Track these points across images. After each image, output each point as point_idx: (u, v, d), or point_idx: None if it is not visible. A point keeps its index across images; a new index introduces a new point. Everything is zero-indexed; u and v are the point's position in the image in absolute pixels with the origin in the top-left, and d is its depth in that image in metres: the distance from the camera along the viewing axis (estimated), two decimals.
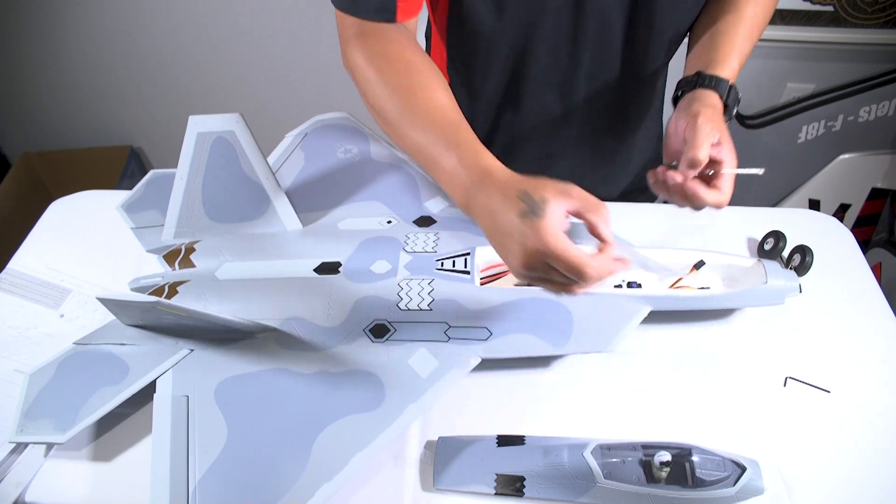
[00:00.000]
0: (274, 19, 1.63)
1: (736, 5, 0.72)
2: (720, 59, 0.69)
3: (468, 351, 0.64)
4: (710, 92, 0.67)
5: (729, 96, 0.68)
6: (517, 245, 0.51)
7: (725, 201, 0.63)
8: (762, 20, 0.73)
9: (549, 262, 0.50)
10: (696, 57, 0.72)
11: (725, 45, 0.70)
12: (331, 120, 0.91)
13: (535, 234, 0.49)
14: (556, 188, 0.51)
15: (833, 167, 1.70)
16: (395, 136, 0.64)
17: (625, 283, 0.71)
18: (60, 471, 0.62)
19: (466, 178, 0.56)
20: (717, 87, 0.67)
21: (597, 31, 0.73)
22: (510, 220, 0.51)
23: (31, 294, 0.77)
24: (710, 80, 0.67)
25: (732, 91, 0.68)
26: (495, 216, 0.53)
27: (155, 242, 0.78)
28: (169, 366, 0.64)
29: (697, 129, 0.61)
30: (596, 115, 0.84)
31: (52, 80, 1.78)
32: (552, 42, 0.74)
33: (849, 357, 0.70)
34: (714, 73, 0.68)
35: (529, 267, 0.51)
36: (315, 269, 0.72)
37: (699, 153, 0.59)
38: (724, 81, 0.67)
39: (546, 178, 0.52)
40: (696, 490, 0.55)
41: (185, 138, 0.76)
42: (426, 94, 0.62)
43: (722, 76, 0.67)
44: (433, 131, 0.59)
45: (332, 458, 0.56)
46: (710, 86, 0.67)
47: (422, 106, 0.61)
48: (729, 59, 0.69)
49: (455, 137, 0.58)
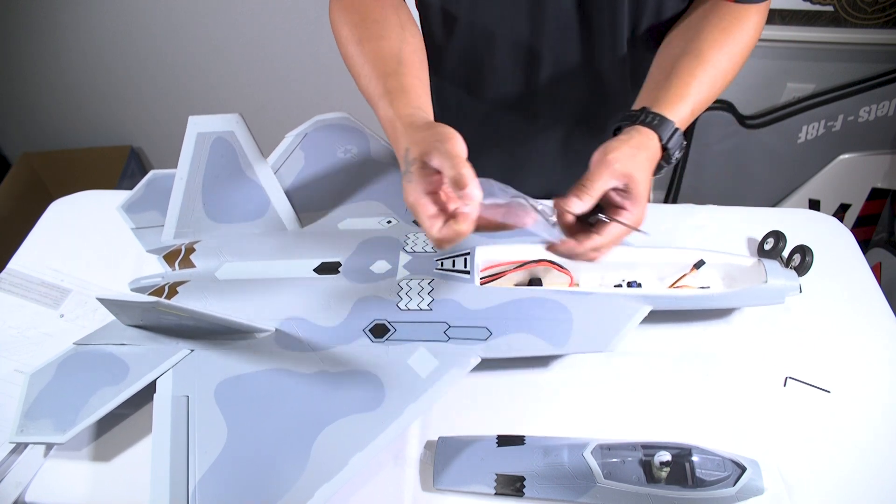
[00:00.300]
0: (274, 19, 1.63)
1: (698, 50, 0.65)
2: (671, 99, 0.62)
3: (468, 351, 0.64)
4: (648, 131, 0.60)
5: (671, 140, 0.61)
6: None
7: (596, 253, 0.56)
8: (728, 69, 0.67)
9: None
10: (647, 92, 0.66)
11: (680, 88, 0.63)
12: (331, 120, 0.91)
13: (405, 190, 0.54)
14: (421, 149, 0.53)
15: (833, 167, 1.70)
16: (356, 82, 0.68)
17: (625, 282, 0.71)
18: (60, 471, 0.62)
19: (389, 126, 0.60)
20: (659, 128, 0.60)
21: (554, 25, 0.72)
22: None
23: (31, 294, 0.77)
24: (652, 118, 0.61)
25: (676, 135, 0.61)
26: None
27: (155, 242, 0.78)
28: (169, 366, 0.64)
29: (598, 164, 0.56)
30: (561, 102, 0.83)
31: (52, 80, 1.78)
32: (511, 23, 0.73)
33: (849, 357, 0.70)
34: (660, 112, 0.61)
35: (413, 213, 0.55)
36: (315, 269, 0.72)
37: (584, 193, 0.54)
38: (668, 122, 0.61)
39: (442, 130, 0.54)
40: (696, 490, 0.55)
41: (185, 138, 0.76)
42: (372, 44, 0.66)
43: (668, 117, 0.61)
44: (374, 78, 0.63)
45: (331, 458, 0.56)
46: (652, 124, 0.60)
47: (367, 54, 0.65)
48: (681, 102, 0.62)
49: (385, 86, 0.62)
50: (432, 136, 0.53)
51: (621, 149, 0.57)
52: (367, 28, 0.67)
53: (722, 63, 0.66)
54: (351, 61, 0.68)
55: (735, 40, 0.67)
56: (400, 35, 0.67)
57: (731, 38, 0.66)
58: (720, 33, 0.66)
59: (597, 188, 0.55)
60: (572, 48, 0.76)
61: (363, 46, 0.66)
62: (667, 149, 0.61)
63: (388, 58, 0.64)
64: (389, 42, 0.66)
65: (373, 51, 0.65)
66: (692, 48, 0.66)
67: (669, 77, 0.65)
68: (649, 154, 0.59)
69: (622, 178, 0.56)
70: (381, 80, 0.63)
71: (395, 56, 0.65)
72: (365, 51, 0.66)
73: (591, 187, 0.55)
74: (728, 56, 0.66)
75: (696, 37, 0.67)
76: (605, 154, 0.57)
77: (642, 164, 0.58)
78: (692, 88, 0.63)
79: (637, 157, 0.57)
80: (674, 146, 0.61)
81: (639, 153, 0.58)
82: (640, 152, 0.58)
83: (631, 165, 0.56)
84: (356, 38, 0.67)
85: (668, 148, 0.61)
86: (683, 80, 0.64)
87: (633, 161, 0.57)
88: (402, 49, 0.66)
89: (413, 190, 0.53)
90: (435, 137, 0.53)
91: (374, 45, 0.66)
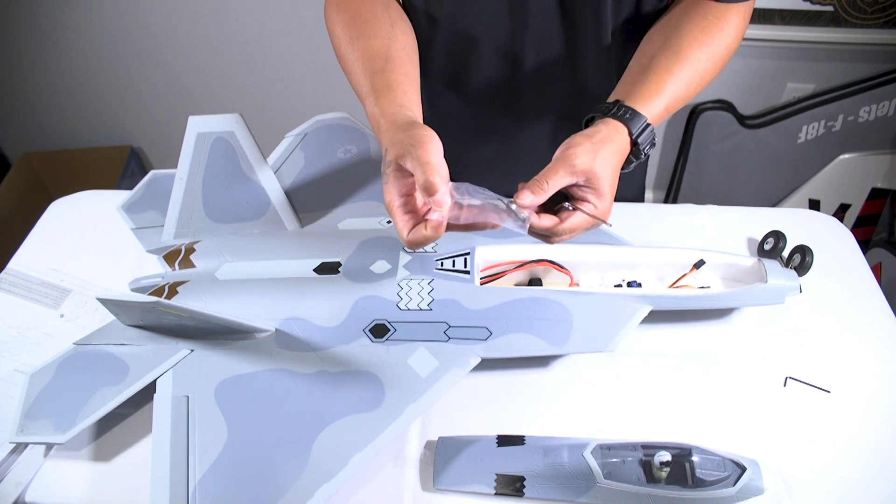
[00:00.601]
0: (274, 19, 1.63)
1: (677, 47, 0.65)
2: (645, 94, 0.62)
3: (468, 351, 0.64)
4: (618, 124, 0.59)
5: (641, 135, 0.60)
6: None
7: (559, 235, 0.58)
8: (707, 69, 0.66)
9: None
10: (622, 85, 0.66)
11: (656, 83, 0.62)
12: (331, 120, 0.91)
13: (383, 190, 0.56)
14: (396, 152, 0.54)
15: (833, 167, 1.71)
16: (350, 84, 0.69)
17: (625, 282, 0.71)
18: (60, 471, 0.62)
19: (374, 124, 0.61)
20: (630, 122, 0.59)
21: (537, 23, 0.73)
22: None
23: (31, 294, 0.77)
24: (625, 112, 0.60)
25: (647, 130, 0.60)
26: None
27: (155, 243, 0.78)
28: (169, 366, 0.64)
29: (557, 161, 0.56)
30: (546, 98, 0.83)
31: (52, 80, 1.78)
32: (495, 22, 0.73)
33: (849, 357, 0.70)
34: (633, 106, 0.60)
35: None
36: (315, 269, 0.72)
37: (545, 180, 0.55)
38: (640, 117, 0.60)
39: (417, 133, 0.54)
40: (696, 490, 0.55)
41: (185, 138, 0.76)
42: (361, 43, 0.66)
43: (641, 112, 0.60)
44: (363, 76, 0.64)
45: (331, 458, 0.56)
46: (623, 118, 0.60)
47: (356, 53, 0.66)
48: (655, 97, 0.62)
49: (371, 84, 0.62)
50: (408, 138, 0.54)
51: (583, 144, 0.57)
52: (356, 27, 0.68)
53: (700, 62, 0.65)
54: (343, 60, 0.69)
55: (715, 40, 0.66)
56: (389, 33, 0.68)
57: (711, 37, 0.66)
58: (700, 32, 0.66)
59: (552, 185, 0.56)
60: (555, 45, 0.76)
61: (353, 45, 0.67)
62: (636, 143, 0.60)
63: (377, 56, 0.65)
64: (378, 40, 0.66)
65: (362, 49, 0.66)
66: (671, 44, 0.65)
67: (646, 72, 0.64)
68: (616, 147, 0.59)
69: (581, 175, 0.56)
70: (369, 77, 0.63)
71: (384, 54, 0.65)
72: (355, 49, 0.66)
73: (546, 184, 0.56)
74: (707, 55, 0.65)
75: (675, 34, 0.66)
76: (566, 149, 0.57)
77: (606, 159, 0.57)
78: (668, 85, 0.63)
79: (600, 152, 0.57)
80: (644, 141, 0.61)
81: (603, 147, 0.57)
82: (604, 146, 0.58)
83: (592, 161, 0.56)
84: (347, 38, 0.68)
85: (639, 143, 0.60)
86: (660, 75, 0.63)
87: (595, 157, 0.56)
88: (390, 46, 0.66)
89: (388, 192, 0.55)
90: (410, 141, 0.53)
91: (363, 44, 0.66)
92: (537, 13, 0.72)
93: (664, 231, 0.82)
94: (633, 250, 0.72)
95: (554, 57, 0.77)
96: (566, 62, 0.78)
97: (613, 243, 0.73)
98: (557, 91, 0.82)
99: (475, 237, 0.73)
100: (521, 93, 0.82)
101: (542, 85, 0.80)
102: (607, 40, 0.74)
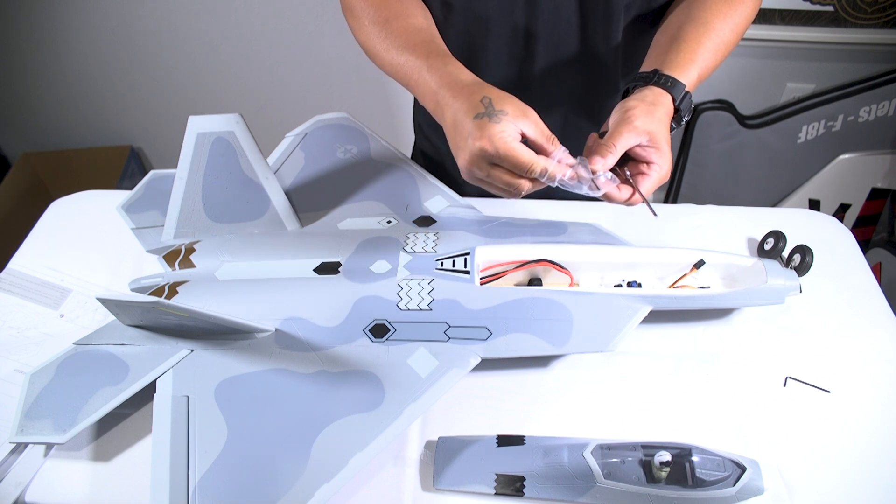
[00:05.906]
0: (274, 20, 1.63)
1: (704, 18, 0.68)
2: (680, 63, 0.65)
3: (468, 351, 0.64)
4: (662, 91, 0.62)
5: (682, 101, 0.63)
6: (468, 144, 0.56)
7: (634, 200, 0.62)
8: (729, 39, 0.69)
9: (496, 162, 0.56)
10: (654, 56, 0.68)
11: (687, 52, 0.66)
12: (331, 120, 0.91)
13: (486, 136, 0.55)
14: (516, 106, 0.56)
15: (833, 167, 1.71)
16: (379, 62, 0.70)
17: (625, 282, 0.71)
18: (60, 471, 0.62)
19: (435, 84, 0.61)
20: (672, 89, 0.63)
21: (550, 10, 0.73)
22: (468, 121, 0.56)
23: (31, 294, 0.77)
24: (665, 80, 0.63)
25: (687, 98, 0.64)
26: (456, 116, 0.58)
27: (155, 243, 0.78)
28: (169, 366, 0.64)
29: (619, 123, 0.59)
30: (557, 86, 0.83)
31: (52, 80, 1.78)
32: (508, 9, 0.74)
33: (849, 357, 0.70)
34: (671, 75, 0.64)
35: (475, 166, 0.57)
36: (315, 269, 0.72)
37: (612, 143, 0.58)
38: (680, 84, 0.63)
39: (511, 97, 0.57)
40: (696, 490, 0.55)
41: (185, 138, 0.76)
42: (400, 22, 0.69)
43: (680, 79, 0.63)
44: (406, 51, 0.66)
45: (331, 458, 0.56)
46: (665, 86, 0.63)
47: (396, 31, 0.68)
48: (689, 66, 0.65)
49: (426, 51, 0.64)
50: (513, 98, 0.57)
51: (639, 106, 0.60)
52: (389, 8, 0.70)
53: (725, 32, 0.68)
54: (376, 39, 0.70)
55: (738, 12, 0.69)
56: (424, 13, 0.71)
57: (734, 9, 0.69)
58: (723, 3, 0.69)
59: (619, 146, 0.58)
60: (568, 33, 0.76)
61: (391, 24, 0.69)
62: (678, 110, 0.63)
63: (421, 30, 0.68)
64: (417, 19, 0.70)
65: (402, 27, 0.68)
66: (698, 16, 0.68)
67: (677, 42, 0.67)
68: (665, 110, 0.62)
69: (644, 135, 0.59)
70: (424, 46, 0.65)
71: (427, 30, 0.69)
72: (394, 28, 0.68)
73: (614, 146, 0.58)
74: (731, 26, 0.69)
75: (700, 5, 0.69)
76: (624, 112, 0.59)
77: (661, 120, 0.61)
78: (699, 55, 0.66)
79: (655, 113, 0.60)
80: (685, 108, 0.64)
81: (656, 109, 0.60)
82: (657, 108, 0.60)
83: (651, 121, 0.59)
84: (382, 18, 0.69)
85: (680, 109, 0.63)
86: (690, 45, 0.66)
87: (652, 117, 0.59)
88: (430, 25, 0.70)
89: (510, 134, 0.55)
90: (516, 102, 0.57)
91: (403, 23, 0.69)
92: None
93: (664, 231, 0.82)
94: (633, 250, 0.72)
95: (567, 43, 0.77)
96: (579, 48, 0.78)
97: (613, 243, 0.73)
98: (570, 78, 0.82)
99: (475, 238, 0.73)
100: (533, 80, 0.82)
101: (555, 72, 0.81)
102: (618, 32, 0.75)
